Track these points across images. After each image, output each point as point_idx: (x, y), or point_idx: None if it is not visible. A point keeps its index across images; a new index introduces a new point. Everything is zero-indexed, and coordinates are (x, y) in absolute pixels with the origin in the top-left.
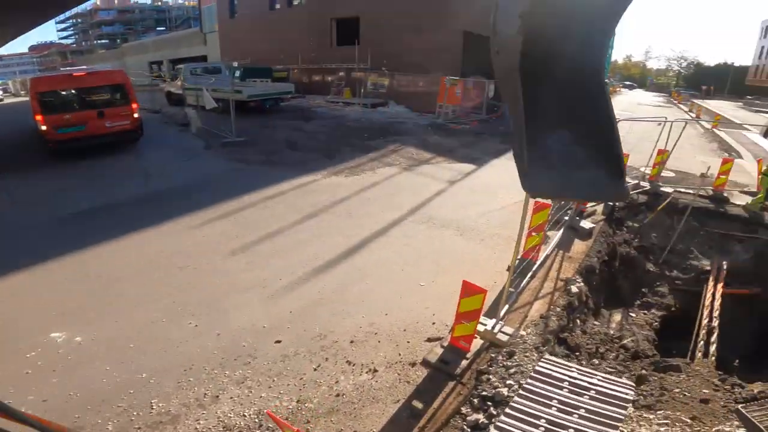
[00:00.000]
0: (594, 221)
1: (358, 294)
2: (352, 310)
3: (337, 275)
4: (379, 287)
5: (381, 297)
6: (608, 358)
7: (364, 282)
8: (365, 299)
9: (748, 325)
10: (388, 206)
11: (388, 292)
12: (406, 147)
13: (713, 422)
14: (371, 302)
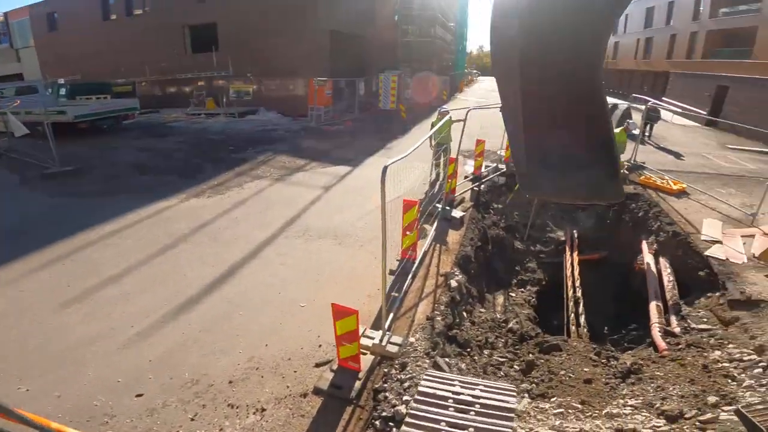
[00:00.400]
0: (464, 209)
1: (232, 328)
2: (227, 346)
3: (204, 311)
4: (256, 316)
5: (259, 327)
6: (498, 346)
7: (237, 313)
8: (240, 333)
9: (605, 289)
10: (259, 224)
11: (266, 321)
12: (278, 156)
13: (601, 404)
14: (248, 335)
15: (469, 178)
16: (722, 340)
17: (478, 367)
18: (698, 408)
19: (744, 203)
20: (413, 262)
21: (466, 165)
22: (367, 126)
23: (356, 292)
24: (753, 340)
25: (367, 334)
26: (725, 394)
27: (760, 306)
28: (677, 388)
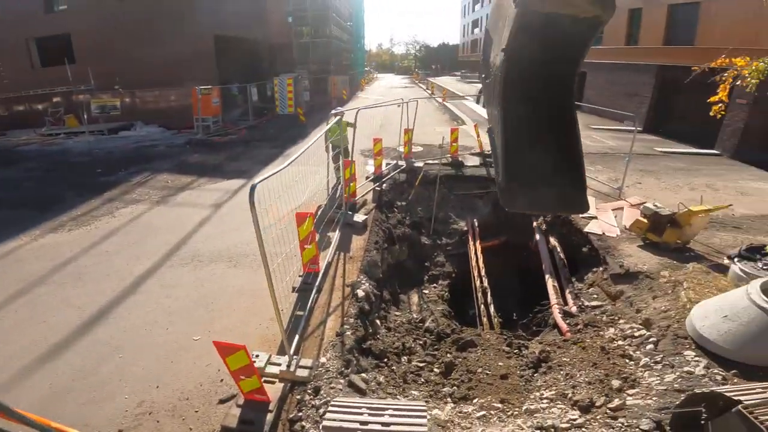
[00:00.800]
0: (367, 211)
1: (112, 372)
2: (109, 393)
3: (74, 358)
4: (141, 357)
5: (146, 367)
6: (416, 350)
7: (116, 356)
8: (124, 376)
9: (510, 272)
10: (137, 255)
11: (153, 360)
12: (158, 175)
13: (520, 399)
14: (134, 377)
15: (371, 178)
16: (613, 316)
17: (397, 376)
18: (606, 394)
19: (610, 178)
20: (317, 276)
21: (368, 165)
22: (264, 133)
23: (258, 317)
24: (639, 314)
25: (273, 361)
26: (626, 376)
27: (638, 278)
28: (583, 373)
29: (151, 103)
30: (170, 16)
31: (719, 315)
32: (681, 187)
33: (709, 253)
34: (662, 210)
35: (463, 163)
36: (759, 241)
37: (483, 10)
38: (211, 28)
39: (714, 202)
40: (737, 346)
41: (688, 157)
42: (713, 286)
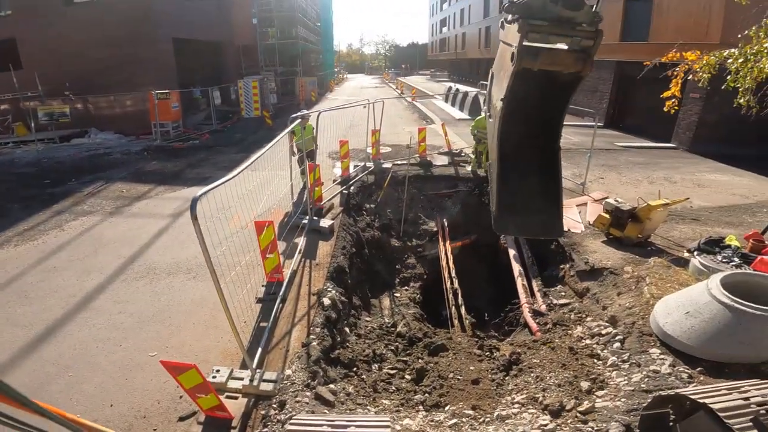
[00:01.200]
0: (333, 215)
1: (62, 391)
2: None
3: (20, 377)
4: (92, 374)
5: (98, 385)
6: (387, 357)
7: (65, 375)
8: (74, 394)
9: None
10: (87, 270)
11: (106, 378)
12: (113, 184)
13: (491, 405)
14: (85, 396)
15: (338, 181)
16: (581, 314)
17: (367, 386)
18: (575, 397)
19: (574, 173)
20: (281, 285)
21: (335, 168)
22: (228, 137)
23: (219, 330)
24: (605, 311)
25: (236, 375)
26: (594, 377)
27: (603, 274)
28: (553, 375)
29: (106, 109)
30: (124, 18)
31: (681, 311)
32: (641, 181)
33: (670, 247)
34: (623, 205)
35: (432, 162)
36: (717, 233)
37: (450, 8)
38: (169, 30)
39: (672, 195)
40: (701, 342)
41: (647, 151)
42: (675, 280)
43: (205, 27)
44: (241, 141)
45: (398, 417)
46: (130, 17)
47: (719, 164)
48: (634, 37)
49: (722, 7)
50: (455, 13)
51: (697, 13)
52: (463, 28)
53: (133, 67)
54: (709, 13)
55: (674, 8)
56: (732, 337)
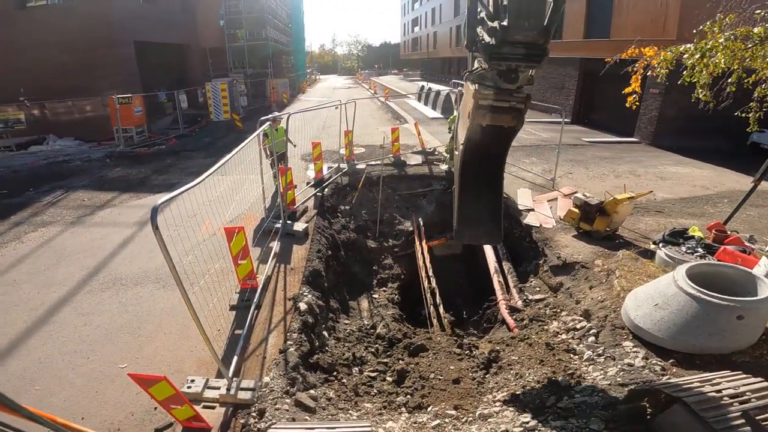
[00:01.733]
0: (308, 218)
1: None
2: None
3: None
4: (60, 388)
5: (67, 399)
6: (368, 359)
7: (33, 388)
8: (43, 409)
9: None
10: (50, 282)
11: (75, 391)
12: (73, 193)
13: (473, 404)
14: (55, 410)
15: (311, 183)
16: (555, 309)
17: (348, 389)
18: (555, 393)
19: (544, 169)
20: (255, 291)
21: (308, 170)
22: (197, 142)
23: (193, 340)
24: (579, 305)
25: (212, 385)
26: (572, 372)
27: (575, 268)
28: (532, 372)
29: (64, 115)
30: (82, 22)
31: (651, 303)
32: (607, 175)
33: (637, 239)
34: (591, 199)
35: (406, 162)
36: (680, 224)
37: (422, 8)
38: (130, 33)
39: (637, 188)
40: (671, 334)
41: (612, 146)
42: (643, 272)
43: (169, 29)
44: (210, 145)
45: (381, 420)
46: (88, 21)
47: (680, 157)
48: (596, 35)
49: (678, 3)
50: (426, 13)
51: (654, 10)
52: (435, 27)
53: (92, 72)
54: (666, 9)
55: (634, 5)
56: (700, 328)
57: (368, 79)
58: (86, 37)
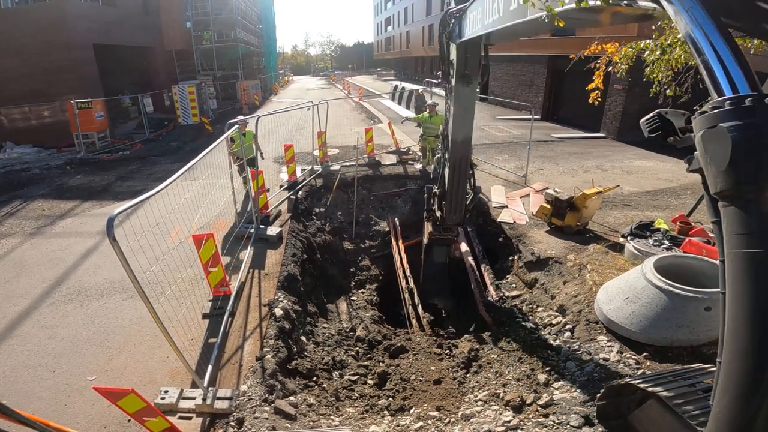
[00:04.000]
0: (282, 222)
1: None
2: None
3: None
4: (27, 402)
5: (34, 413)
6: (348, 363)
7: None
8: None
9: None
10: (10, 296)
11: (42, 404)
12: (32, 202)
13: (455, 405)
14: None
15: (285, 186)
16: (531, 305)
17: (329, 394)
18: (535, 390)
19: (516, 166)
20: (228, 298)
21: (281, 173)
22: (164, 146)
23: (164, 350)
24: (554, 300)
25: (187, 395)
26: (550, 368)
27: (549, 263)
28: (511, 370)
29: (20, 121)
30: (34, 26)
31: (622, 297)
32: (576, 170)
33: (606, 233)
34: (561, 195)
35: (380, 162)
36: (647, 217)
37: (395, 7)
38: (88, 36)
39: (604, 183)
40: (642, 327)
41: (580, 141)
42: (613, 266)
43: (131, 31)
44: (177, 150)
45: (364, 424)
46: (41, 24)
47: (644, 151)
48: (563, 32)
49: None
50: (399, 12)
51: None
52: (408, 26)
53: (48, 76)
54: None
55: None
56: (669, 320)
57: (342, 80)
58: (39, 40)
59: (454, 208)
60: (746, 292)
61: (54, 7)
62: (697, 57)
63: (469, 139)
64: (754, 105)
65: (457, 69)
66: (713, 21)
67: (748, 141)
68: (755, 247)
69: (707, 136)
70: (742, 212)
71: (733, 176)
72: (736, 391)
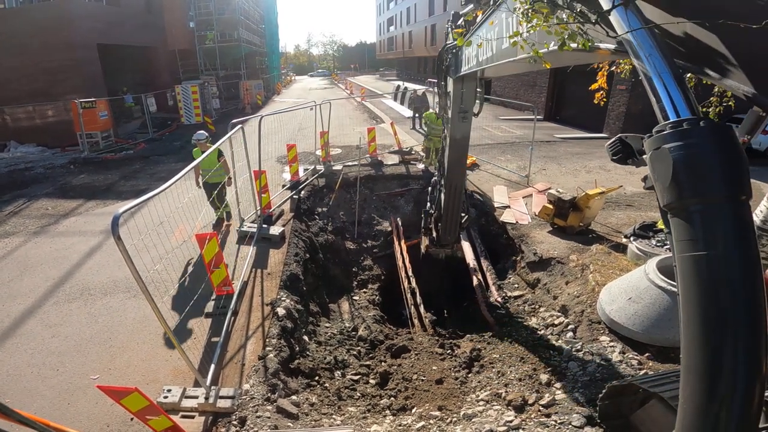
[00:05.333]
0: (284, 222)
1: None
2: None
3: None
4: (30, 401)
5: (38, 411)
6: (350, 362)
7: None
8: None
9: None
10: (14, 294)
11: (46, 403)
12: (36, 201)
13: (457, 404)
14: None
15: (287, 186)
16: (534, 305)
17: (331, 394)
18: (537, 390)
19: (519, 166)
20: (231, 297)
21: (284, 173)
22: (167, 146)
23: (167, 349)
24: (556, 300)
25: (189, 394)
26: (552, 368)
27: (551, 264)
28: (513, 370)
29: (25, 120)
30: (39, 25)
31: (624, 297)
32: (579, 171)
33: (609, 234)
34: (564, 195)
35: (383, 162)
36: (650, 218)
37: (397, 7)
38: (92, 36)
39: (607, 183)
40: (645, 328)
41: (582, 142)
42: (616, 266)
43: (135, 31)
44: (180, 149)
45: (365, 424)
46: (44, 24)
47: None
48: None
49: None
50: (402, 12)
51: None
52: (410, 26)
53: (52, 76)
54: None
55: None
56: (672, 321)
57: (344, 80)
58: (43, 40)
59: (449, 229)
60: (693, 288)
61: (58, 6)
62: (648, 86)
63: (464, 167)
64: (690, 127)
65: (454, 103)
66: (668, 66)
67: (686, 159)
68: (700, 250)
69: (654, 156)
70: (686, 221)
71: (676, 191)
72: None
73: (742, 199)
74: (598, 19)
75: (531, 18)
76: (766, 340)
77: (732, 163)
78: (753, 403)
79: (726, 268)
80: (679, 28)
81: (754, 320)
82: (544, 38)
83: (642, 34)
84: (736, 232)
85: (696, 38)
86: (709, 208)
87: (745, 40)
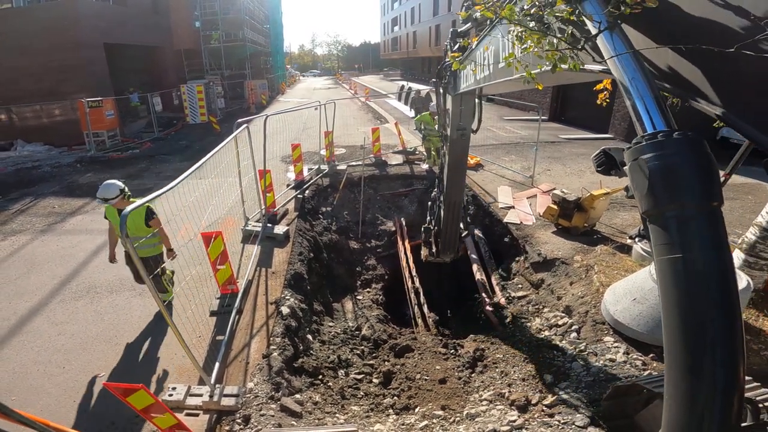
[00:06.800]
0: (288, 221)
1: None
2: None
3: None
4: (36, 398)
5: (44, 408)
6: (354, 362)
7: (9, 398)
8: None
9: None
10: (19, 293)
11: (52, 401)
12: (43, 200)
13: (460, 404)
14: None
15: (292, 185)
16: (538, 305)
17: (334, 393)
18: (540, 390)
19: (523, 167)
20: (236, 296)
21: (288, 172)
22: (173, 145)
23: (172, 347)
24: (560, 301)
25: (194, 392)
26: (556, 369)
27: (555, 264)
28: (517, 370)
29: (32, 119)
30: (46, 24)
31: (629, 298)
32: (584, 172)
33: (614, 234)
34: (569, 196)
35: (387, 162)
36: None
37: (401, 7)
38: (99, 35)
39: (612, 184)
40: (649, 329)
41: (587, 143)
42: (620, 267)
43: (141, 31)
44: (186, 148)
45: (369, 422)
46: (52, 23)
47: None
48: None
49: None
50: (406, 12)
51: None
52: (414, 26)
53: (59, 75)
54: None
55: None
56: None
57: (348, 80)
58: (50, 39)
59: (448, 244)
60: (672, 289)
61: (65, 6)
62: (629, 105)
63: (463, 185)
64: (665, 139)
65: (452, 120)
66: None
67: (661, 169)
68: (676, 253)
69: (633, 167)
70: (663, 227)
71: (653, 198)
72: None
73: (714, 205)
74: (585, 44)
75: (525, 40)
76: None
77: (704, 172)
78: (734, 400)
79: (701, 268)
80: (660, 52)
81: (728, 313)
82: (538, 60)
83: (626, 58)
84: (709, 235)
85: (674, 61)
86: (684, 213)
87: (717, 64)
